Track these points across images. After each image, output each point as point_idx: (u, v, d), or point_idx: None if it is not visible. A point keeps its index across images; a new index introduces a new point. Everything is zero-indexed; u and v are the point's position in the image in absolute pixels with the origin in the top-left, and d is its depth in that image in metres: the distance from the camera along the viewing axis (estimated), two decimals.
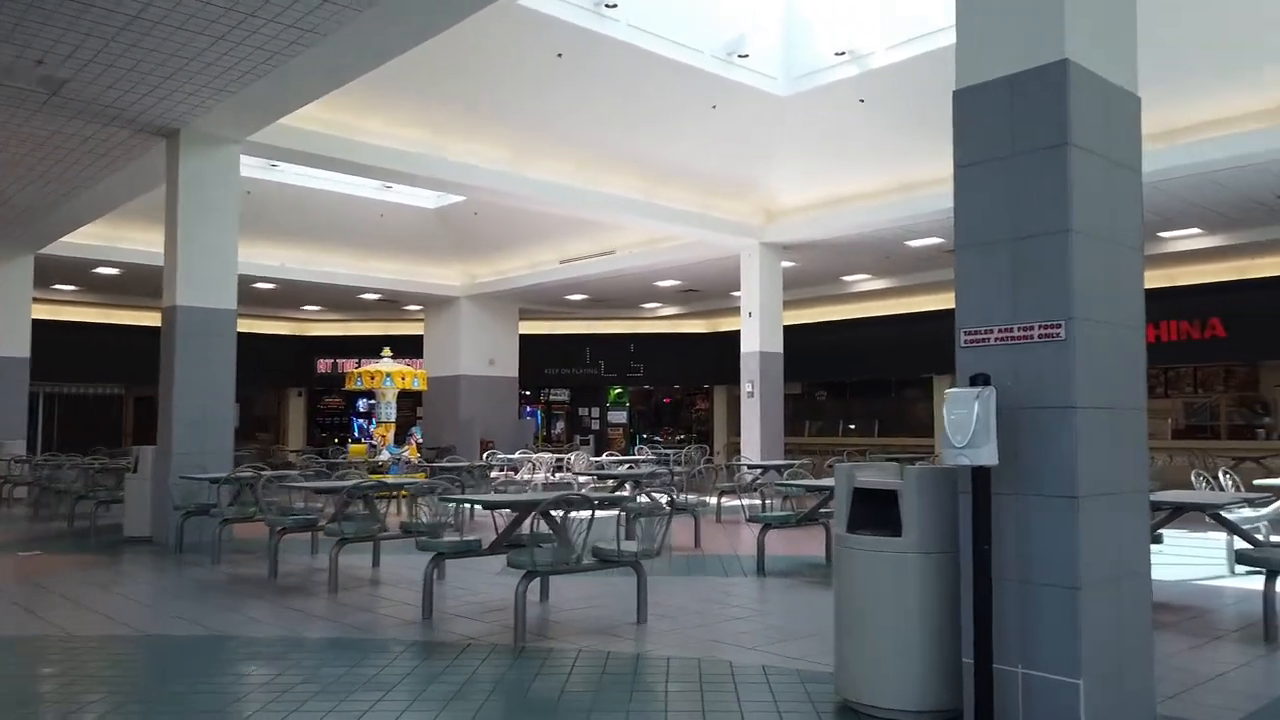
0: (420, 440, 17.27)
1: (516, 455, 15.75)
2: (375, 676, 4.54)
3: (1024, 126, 3.47)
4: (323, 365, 26.95)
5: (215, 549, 8.25)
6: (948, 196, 13.35)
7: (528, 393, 27.43)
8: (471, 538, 6.00)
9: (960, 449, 3.27)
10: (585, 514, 5.62)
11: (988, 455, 3.24)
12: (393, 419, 16.23)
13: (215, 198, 10.03)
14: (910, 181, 13.61)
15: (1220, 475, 8.00)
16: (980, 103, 3.63)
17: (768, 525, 7.67)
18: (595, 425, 27.85)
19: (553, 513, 5.59)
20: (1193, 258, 16.47)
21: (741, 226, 15.20)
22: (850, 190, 14.25)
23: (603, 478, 9.78)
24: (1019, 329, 3.41)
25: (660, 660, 4.83)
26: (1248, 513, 7.12)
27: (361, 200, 17.68)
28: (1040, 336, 3.34)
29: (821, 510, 7.75)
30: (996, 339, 3.47)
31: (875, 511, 4.03)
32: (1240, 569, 7.28)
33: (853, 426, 25.13)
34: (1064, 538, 3.24)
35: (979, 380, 3.33)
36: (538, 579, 6.05)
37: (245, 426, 27.88)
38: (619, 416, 28.10)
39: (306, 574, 7.58)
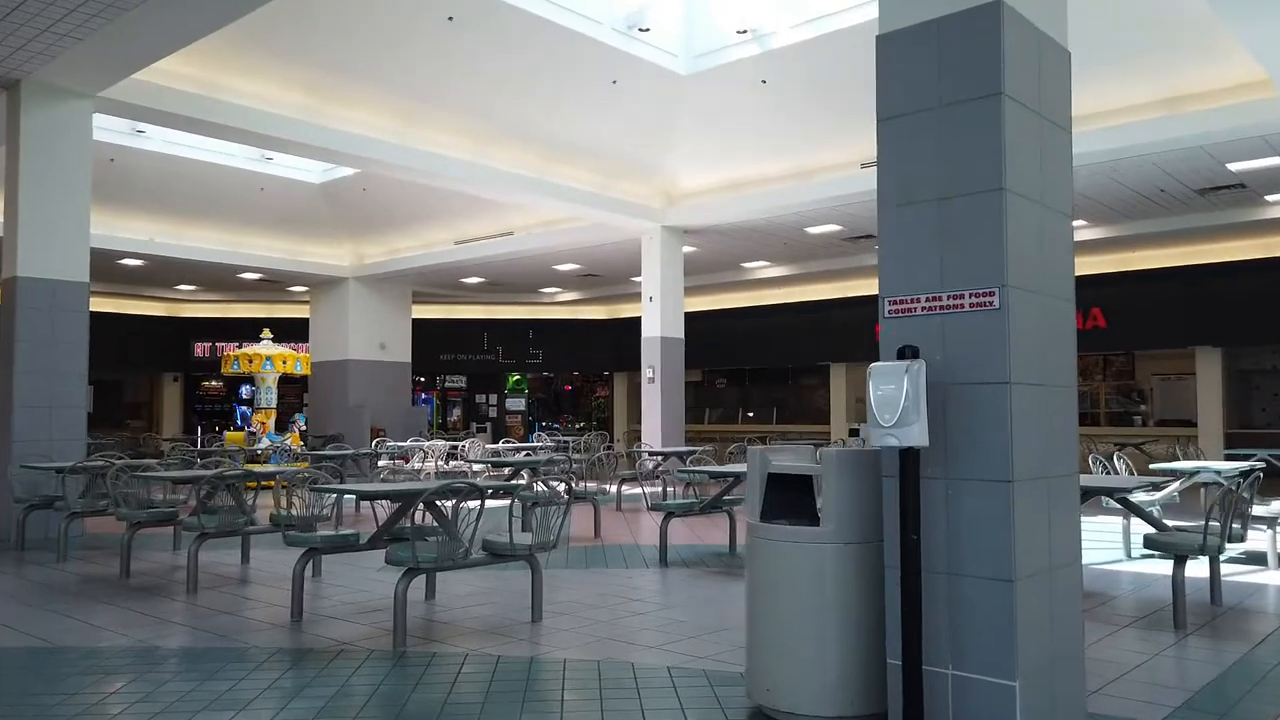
0: (304, 428, 16.34)
1: (407, 443, 15.03)
2: (229, 691, 3.98)
3: (953, 75, 3.17)
4: (200, 349, 25.40)
5: (60, 546, 7.40)
6: (847, 182, 13.36)
7: (422, 379, 26.52)
8: (348, 531, 5.44)
9: (888, 428, 2.95)
10: (475, 504, 5.15)
11: (918, 435, 2.93)
12: (273, 405, 15.29)
13: (64, 157, 9.06)
14: (810, 167, 13.50)
15: (1114, 459, 8.06)
16: (906, 49, 3.32)
17: (670, 514, 7.33)
18: (493, 413, 27.15)
19: (439, 503, 5.10)
20: (1076, 249, 16.95)
21: (642, 209, 14.85)
22: (751, 174, 14.06)
23: (498, 465, 9.27)
24: (948, 297, 3.11)
25: (556, 664, 4.41)
26: (1143, 496, 7.15)
27: (238, 172, 16.56)
28: (972, 305, 3.05)
29: (725, 498, 7.45)
30: (924, 308, 3.17)
31: (790, 499, 3.71)
32: (1137, 553, 7.32)
33: (751, 414, 25.20)
34: (998, 526, 2.97)
35: (907, 352, 3.02)
36: (422, 576, 5.54)
37: (116, 413, 26.12)
38: (517, 404, 27.46)
39: (165, 573, 6.86)
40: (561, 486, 8.41)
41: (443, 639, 4.87)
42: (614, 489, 11.17)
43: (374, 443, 15.48)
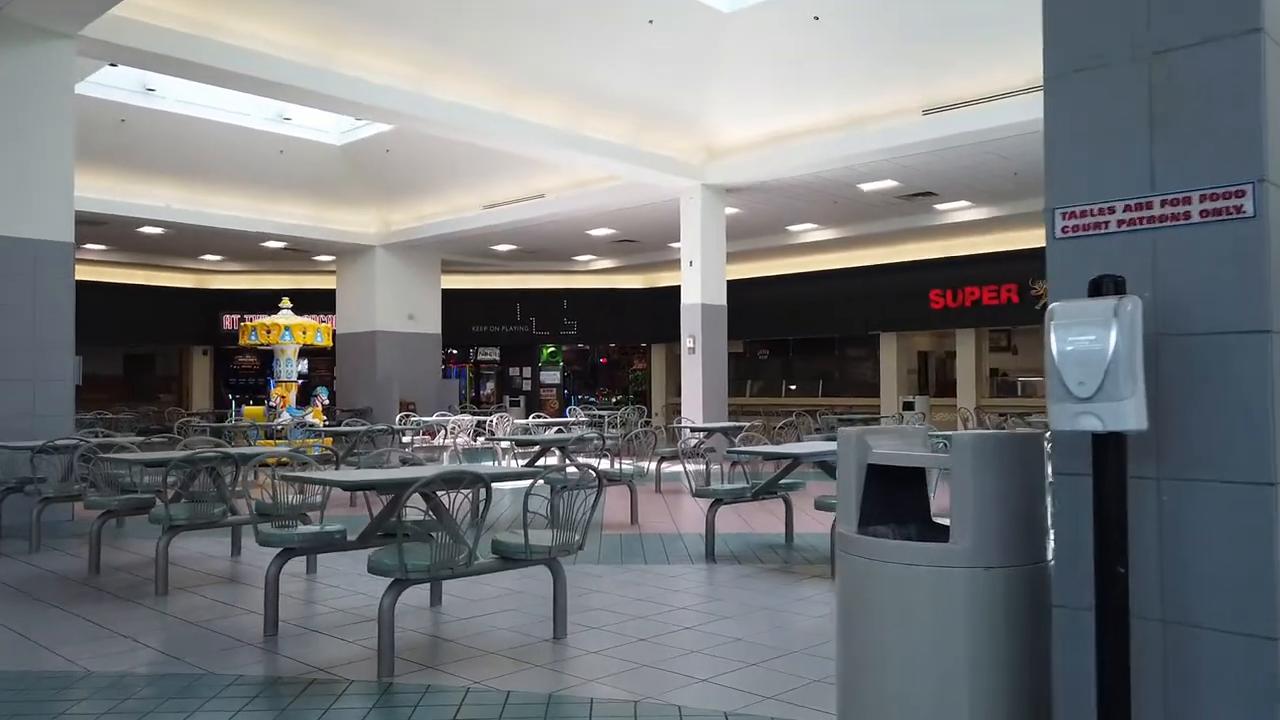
0: (326, 401, 15.58)
1: (433, 418, 14.19)
2: None
3: None
4: (229, 321, 24.77)
5: (33, 535, 6.60)
6: (907, 131, 12.08)
7: (454, 351, 25.73)
8: (333, 527, 4.51)
9: (1084, 402, 1.91)
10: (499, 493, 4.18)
11: (1133, 414, 1.88)
12: (293, 378, 14.52)
13: (44, 104, 8.19)
14: (866, 115, 12.27)
15: None
16: None
17: (718, 500, 6.33)
18: (527, 386, 26.31)
19: (438, 494, 4.15)
20: None
21: (681, 165, 13.73)
22: (799, 124, 12.87)
23: (523, 444, 8.34)
24: (1164, 203, 2.05)
25: (580, 704, 3.44)
26: None
27: (256, 133, 15.75)
28: (1205, 214, 1.99)
29: (781, 481, 6.43)
30: (1122, 221, 2.11)
31: (897, 500, 2.68)
32: None
33: (793, 387, 24.08)
34: (1250, 552, 1.93)
35: (1109, 286, 1.97)
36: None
37: (146, 387, 25.71)
38: (552, 377, 26.59)
39: (143, 567, 6.00)
40: (598, 464, 7.45)
41: (442, 664, 3.93)
42: (652, 466, 10.19)
43: (398, 417, 14.65)
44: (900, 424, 14.56)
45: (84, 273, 22.52)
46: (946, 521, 2.50)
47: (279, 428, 13.14)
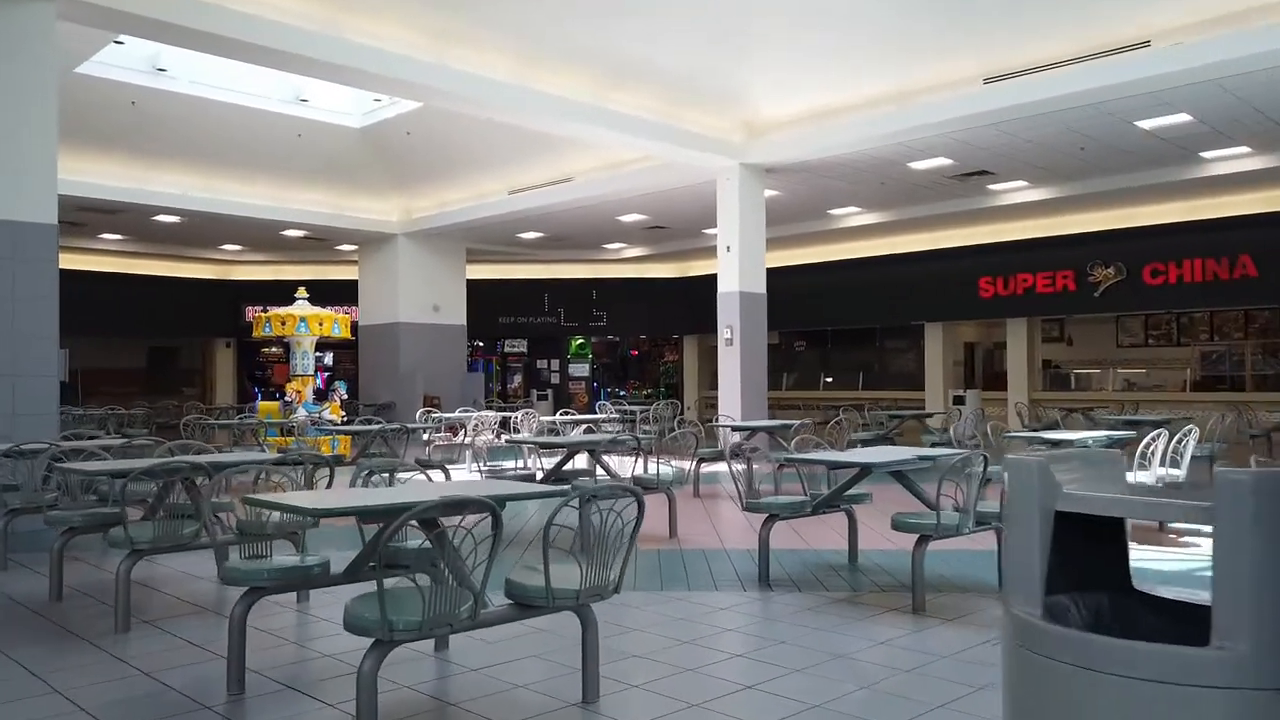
0: (345, 396, 14.88)
1: (455, 414, 13.42)
2: None
3: None
4: (251, 313, 24.20)
5: (0, 552, 5.87)
6: (965, 103, 10.98)
7: (480, 344, 25.00)
8: (313, 560, 3.70)
9: None
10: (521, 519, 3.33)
11: None
12: (310, 372, 13.81)
13: (22, 75, 7.46)
14: (919, 86, 11.27)
15: None
16: None
17: (773, 516, 5.45)
18: (555, 379, 25.53)
19: (440, 521, 3.31)
20: (1228, 184, 14.40)
21: (718, 144, 12.81)
22: (847, 98, 11.90)
23: (546, 447, 7.50)
24: None
25: None
26: None
27: (272, 116, 15.05)
28: None
29: (848, 492, 5.54)
30: None
31: (1078, 557, 1.81)
32: None
33: (829, 380, 23.10)
34: None
35: None
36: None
37: (170, 381, 25.26)
38: (581, 370, 25.78)
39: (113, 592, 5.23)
40: (633, 466, 6.59)
41: None
42: (689, 466, 9.30)
43: (418, 413, 13.90)
44: (946, 419, 13.57)
45: (103, 264, 22.14)
46: (1188, 598, 1.61)
47: (295, 424, 12.44)
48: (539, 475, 7.22)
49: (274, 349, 24.96)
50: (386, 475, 4.18)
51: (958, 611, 4.73)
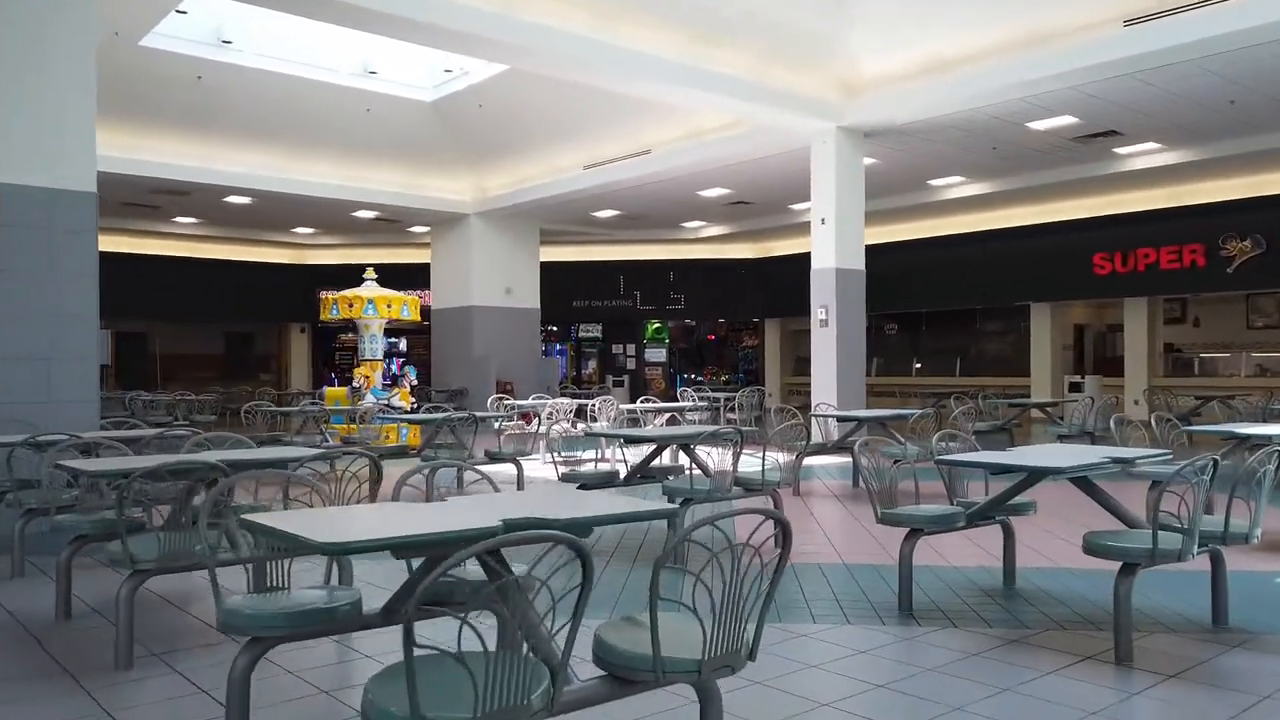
0: (414, 382, 14.21)
1: (529, 401, 12.61)
2: None
3: None
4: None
5: (14, 554, 5.17)
6: (1098, 49, 9.21)
7: (554, 328, 24.25)
8: (342, 599, 2.80)
9: None
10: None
11: None
12: (379, 356, 13.17)
13: (58, 30, 6.78)
14: (1047, 29, 9.93)
15: None
16: None
17: (916, 530, 4.39)
18: (631, 365, 24.63)
19: (491, 563, 2.37)
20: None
21: (814, 104, 11.64)
22: (962, 47, 10.61)
23: (630, 441, 6.55)
24: None
25: None
26: None
27: (341, 89, 14.44)
28: None
29: (1010, 502, 4.46)
30: None
31: None
32: None
33: (919, 365, 21.68)
34: None
35: None
36: None
37: (247, 366, 25.17)
38: (658, 355, 24.82)
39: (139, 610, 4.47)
40: (734, 461, 5.56)
41: None
42: (790, 460, 8.23)
43: (489, 400, 13.12)
44: (1064, 407, 12.22)
45: (180, 249, 22.01)
46: None
47: (362, 412, 11.78)
48: (623, 471, 6.28)
49: (350, 334, 24.61)
50: (453, 477, 3.26)
51: (1176, 662, 3.63)
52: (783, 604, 4.52)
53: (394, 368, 20.77)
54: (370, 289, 13.17)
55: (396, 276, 18.46)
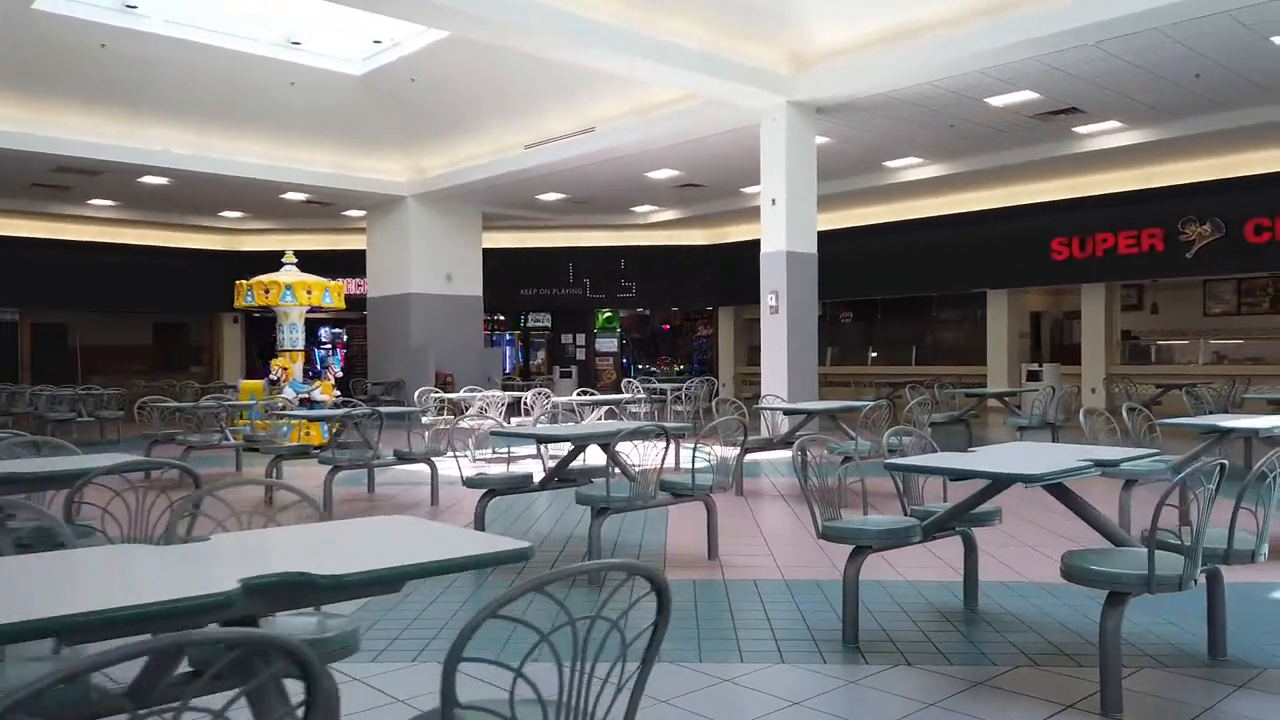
0: (339, 374, 13.32)
1: (460, 393, 11.79)
2: None
3: None
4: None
5: None
6: (1061, 17, 8.72)
7: (501, 317, 23.40)
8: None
9: None
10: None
11: None
12: (299, 346, 12.25)
13: None
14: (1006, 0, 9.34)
15: None
16: None
17: (865, 549, 3.69)
18: (581, 355, 23.86)
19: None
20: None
21: (763, 76, 10.94)
22: (920, 15, 9.97)
23: (542, 441, 5.79)
24: None
25: None
26: None
27: (261, 60, 13.41)
28: None
29: (972, 511, 3.79)
30: None
31: None
32: None
33: (875, 354, 21.18)
34: None
35: None
36: None
37: (179, 357, 23.99)
38: (609, 344, 24.08)
39: None
40: (659, 458, 4.83)
41: None
42: (730, 456, 7.53)
43: (416, 393, 12.28)
44: (1018, 396, 11.69)
45: (100, 234, 20.71)
46: None
47: (279, 407, 10.88)
48: (539, 475, 5.52)
49: None
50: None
51: (1171, 711, 2.97)
52: (708, 636, 3.81)
53: (336, 361, 19.83)
54: (289, 274, 12.25)
55: (334, 264, 17.49)
